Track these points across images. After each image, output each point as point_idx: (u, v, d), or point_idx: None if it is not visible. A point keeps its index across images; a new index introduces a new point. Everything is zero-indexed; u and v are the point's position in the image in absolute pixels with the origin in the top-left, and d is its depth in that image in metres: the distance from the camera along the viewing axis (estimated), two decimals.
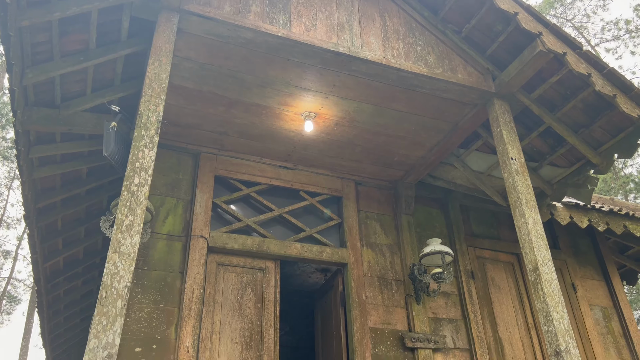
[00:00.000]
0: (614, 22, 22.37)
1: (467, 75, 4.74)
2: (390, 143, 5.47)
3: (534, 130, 5.20)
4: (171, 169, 5.11)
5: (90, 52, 4.03)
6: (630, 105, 4.34)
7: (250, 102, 4.77)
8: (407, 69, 4.49)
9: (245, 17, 4.03)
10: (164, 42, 3.66)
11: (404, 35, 4.73)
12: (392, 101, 4.86)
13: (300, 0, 4.41)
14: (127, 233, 2.88)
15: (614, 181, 19.89)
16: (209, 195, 5.07)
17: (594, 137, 5.01)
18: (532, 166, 5.58)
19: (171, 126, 4.97)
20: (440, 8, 4.87)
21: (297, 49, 4.20)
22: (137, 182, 3.06)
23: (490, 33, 4.73)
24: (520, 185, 4.21)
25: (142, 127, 3.26)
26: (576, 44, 4.36)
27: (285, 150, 5.51)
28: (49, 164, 4.87)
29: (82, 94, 4.45)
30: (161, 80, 3.49)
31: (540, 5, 23.99)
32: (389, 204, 6.03)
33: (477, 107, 4.92)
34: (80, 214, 5.86)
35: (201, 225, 4.84)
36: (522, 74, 4.54)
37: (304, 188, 5.66)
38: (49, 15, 3.45)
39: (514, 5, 4.36)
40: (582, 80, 4.54)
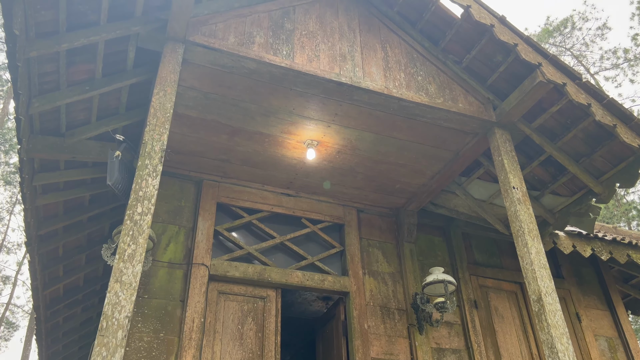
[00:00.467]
0: (612, 51, 22.66)
1: (468, 105, 4.79)
2: (391, 171, 5.49)
3: (535, 159, 5.22)
4: (173, 196, 5.12)
5: (96, 81, 4.09)
6: (631, 135, 4.37)
7: (253, 130, 4.82)
8: (409, 98, 4.54)
9: (249, 48, 4.10)
10: (169, 72, 3.72)
11: (405, 66, 4.80)
12: (393, 130, 4.90)
13: (303, 32, 4.49)
14: (129, 262, 2.88)
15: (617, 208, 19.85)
16: (210, 223, 5.07)
17: (595, 166, 5.03)
18: (534, 195, 5.59)
19: (174, 154, 5.01)
20: (440, 39, 4.95)
21: (300, 79, 4.26)
22: (140, 211, 3.06)
23: (490, 63, 4.80)
24: (522, 214, 4.21)
25: (146, 156, 3.28)
26: (576, 75, 4.42)
27: (287, 178, 5.53)
28: (52, 191, 4.89)
29: (87, 122, 4.50)
30: (166, 109, 3.53)
31: (539, 34, 24.34)
32: (391, 231, 6.01)
33: (478, 136, 4.96)
34: (81, 241, 5.86)
35: (202, 253, 4.83)
36: (522, 104, 4.58)
37: (306, 215, 5.66)
38: (56, 46, 3.51)
39: (514, 36, 4.43)
40: (582, 110, 4.58)
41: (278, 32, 4.35)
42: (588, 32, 23.60)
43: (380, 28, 4.95)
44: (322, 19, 4.70)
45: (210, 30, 4.03)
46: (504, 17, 4.46)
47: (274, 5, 4.47)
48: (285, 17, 4.49)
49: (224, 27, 4.11)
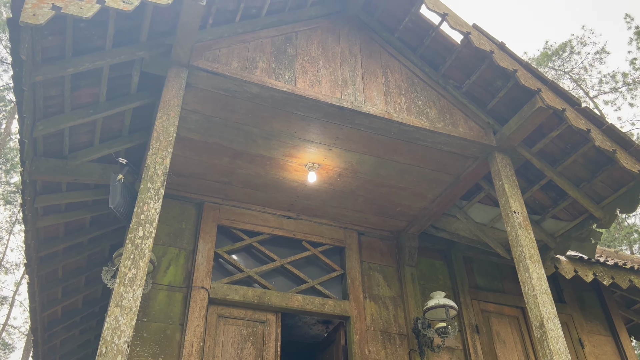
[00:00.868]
0: (611, 75, 22.86)
1: (468, 129, 4.83)
2: (392, 194, 5.51)
3: (535, 184, 5.24)
4: (174, 218, 5.13)
5: (100, 105, 4.13)
6: (631, 160, 4.39)
7: (255, 153, 4.85)
8: (409, 123, 4.58)
9: (252, 72, 4.15)
10: (173, 97, 3.76)
11: (405, 90, 4.85)
12: (394, 153, 4.93)
13: (305, 57, 4.56)
14: (130, 287, 2.87)
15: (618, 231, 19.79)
16: (211, 245, 5.06)
17: (595, 191, 5.04)
18: (535, 219, 5.59)
19: (176, 176, 5.03)
20: (440, 64, 5.01)
21: (302, 103, 4.31)
22: (141, 235, 3.07)
23: (490, 88, 4.85)
24: (523, 239, 4.21)
25: (149, 179, 3.30)
26: (575, 100, 4.46)
27: (288, 200, 5.54)
28: (53, 213, 4.90)
29: (90, 144, 4.53)
30: (169, 133, 3.56)
31: (539, 58, 24.60)
32: (392, 255, 6.00)
33: (479, 160, 4.98)
34: (81, 263, 5.84)
35: (202, 276, 4.81)
36: (522, 129, 4.62)
37: (307, 238, 5.65)
38: (62, 70, 3.56)
39: (513, 62, 4.49)
40: (582, 136, 4.61)
41: (280, 57, 4.41)
42: (587, 56, 23.85)
43: (381, 53, 5.02)
44: (324, 44, 4.76)
45: (213, 55, 4.09)
46: (503, 43, 4.52)
47: (276, 32, 4.54)
48: (288, 43, 4.56)
49: (228, 52, 4.17)
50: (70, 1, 3.00)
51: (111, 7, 3.10)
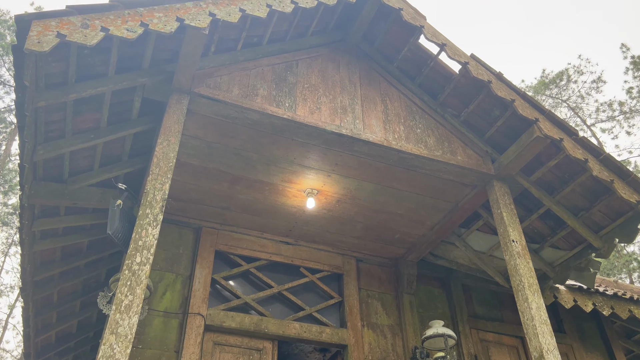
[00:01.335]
0: (608, 104, 23.08)
1: (466, 158, 4.85)
2: (391, 220, 5.50)
3: (534, 212, 5.24)
4: (172, 243, 5.11)
5: (101, 130, 4.16)
6: (628, 190, 4.41)
7: (254, 178, 4.86)
8: (408, 150, 4.60)
9: (252, 100, 4.19)
10: (174, 123, 3.79)
11: (404, 118, 4.89)
12: (393, 180, 4.94)
13: (305, 85, 4.61)
14: (126, 314, 2.84)
15: (617, 259, 19.70)
16: (208, 271, 5.03)
17: (594, 220, 5.04)
18: (534, 248, 5.57)
19: (175, 201, 5.03)
20: (439, 93, 5.07)
21: (302, 130, 4.34)
22: (138, 261, 3.05)
23: (488, 117, 4.90)
24: (522, 268, 4.19)
25: (147, 205, 3.30)
26: (572, 130, 4.50)
27: (286, 226, 5.53)
28: (50, 237, 4.88)
29: (90, 169, 4.54)
30: (169, 159, 3.58)
31: (536, 86, 24.86)
32: (390, 282, 5.96)
33: (477, 188, 4.99)
34: (77, 287, 5.79)
35: (199, 302, 4.77)
36: (520, 158, 4.64)
37: (305, 264, 5.62)
38: (64, 96, 3.59)
39: (511, 92, 4.55)
40: (580, 165, 4.63)
41: (281, 84, 4.46)
42: (583, 85, 24.12)
43: (380, 82, 5.08)
44: (324, 72, 4.82)
45: (215, 82, 4.14)
46: (500, 73, 4.59)
47: (277, 60, 4.61)
48: (289, 71, 4.62)
49: (229, 80, 4.22)
50: (75, 29, 3.05)
51: (115, 35, 3.15)
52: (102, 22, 3.15)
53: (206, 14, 3.53)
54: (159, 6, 3.41)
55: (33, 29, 2.92)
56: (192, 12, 3.49)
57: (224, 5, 3.66)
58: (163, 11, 3.40)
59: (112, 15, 3.22)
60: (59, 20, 3.03)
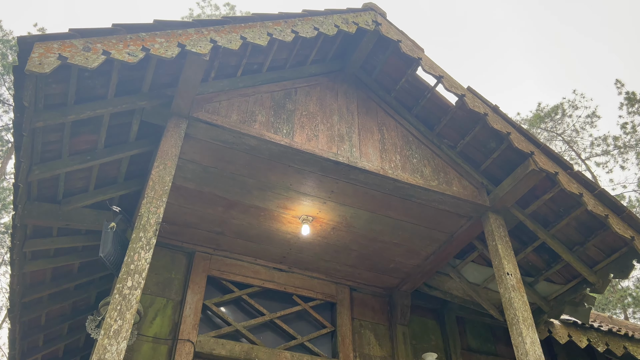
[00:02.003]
0: (602, 138, 23.33)
1: (462, 189, 4.87)
2: (386, 250, 5.47)
3: (529, 245, 5.23)
4: (164, 267, 5.05)
5: (98, 151, 4.16)
6: (623, 226, 4.41)
7: (249, 204, 4.85)
8: (404, 180, 4.62)
9: (250, 125, 4.21)
10: (171, 147, 3.79)
11: (401, 148, 4.92)
12: (388, 209, 4.94)
13: (303, 112, 4.65)
14: (114, 339, 2.79)
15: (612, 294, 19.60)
16: (199, 297, 4.96)
17: (588, 255, 5.03)
18: (528, 281, 5.54)
19: (168, 225, 5.00)
20: (435, 124, 5.11)
21: (299, 156, 4.35)
22: (129, 285, 3.01)
23: (484, 149, 4.93)
24: (516, 301, 4.16)
25: (141, 228, 3.27)
26: (567, 164, 4.53)
27: (280, 253, 5.49)
28: (41, 258, 4.82)
29: (85, 190, 4.52)
30: (164, 182, 3.57)
31: (531, 119, 25.14)
32: (383, 312, 5.89)
33: (473, 220, 4.99)
34: (66, 310, 5.69)
35: (189, 329, 4.69)
36: (515, 190, 4.66)
37: (298, 292, 5.56)
38: (63, 117, 3.60)
39: (506, 125, 4.59)
40: (575, 200, 4.65)
41: (279, 111, 4.49)
42: (578, 119, 24.41)
43: (378, 111, 5.13)
44: (322, 100, 4.87)
45: (214, 107, 4.16)
46: (496, 106, 4.64)
47: (276, 87, 4.65)
48: (287, 98, 4.66)
49: (228, 105, 4.25)
50: (77, 52, 3.07)
51: (116, 58, 3.18)
52: (104, 46, 3.18)
53: (207, 40, 3.58)
54: (161, 31, 3.45)
55: (35, 50, 2.94)
56: (193, 38, 3.53)
57: (225, 32, 3.71)
58: (165, 36, 3.44)
59: (114, 39, 3.26)
60: (61, 43, 3.06)
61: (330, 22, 4.37)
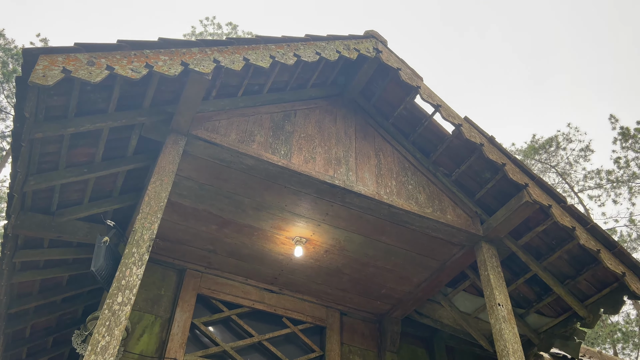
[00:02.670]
0: (595, 172, 23.54)
1: (456, 217, 4.89)
2: (378, 275, 5.46)
3: (520, 276, 5.24)
4: (154, 283, 5.01)
5: (95, 165, 4.16)
6: (615, 261, 4.44)
7: (243, 223, 4.84)
8: (399, 205, 4.64)
9: (249, 145, 4.24)
10: (169, 163, 3.80)
11: (396, 174, 4.95)
12: (382, 234, 4.94)
13: (302, 134, 4.68)
14: (101, 355, 2.75)
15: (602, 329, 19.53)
16: (188, 315, 4.91)
17: (580, 289, 5.04)
18: (519, 312, 5.53)
19: (161, 241, 4.97)
20: (432, 151, 5.16)
21: (295, 178, 4.37)
22: (120, 301, 2.99)
23: (479, 179, 4.97)
24: (507, 333, 4.14)
25: (134, 244, 3.26)
26: (561, 198, 4.57)
27: (272, 274, 5.46)
28: (30, 269, 4.77)
29: (79, 202, 4.50)
30: (160, 198, 3.57)
31: (526, 150, 25.37)
32: (373, 338, 5.84)
33: (465, 248, 5.00)
34: (51, 323, 5.61)
35: (176, 347, 4.63)
36: (509, 221, 4.68)
37: (287, 314, 5.51)
38: (62, 129, 3.61)
39: (502, 156, 4.64)
40: (567, 233, 4.68)
41: (278, 132, 4.53)
42: (572, 152, 24.66)
43: (375, 137, 5.17)
44: (320, 124, 4.91)
45: (213, 125, 4.19)
46: (493, 137, 4.70)
47: (276, 108, 4.70)
48: (286, 120, 4.70)
49: (227, 124, 4.28)
50: (81, 66, 3.10)
51: (119, 74, 3.21)
52: (108, 61, 3.21)
53: (210, 60, 3.62)
54: (165, 49, 3.49)
55: (40, 62, 2.97)
56: (197, 58, 3.57)
57: (228, 53, 3.76)
58: (169, 54, 3.48)
59: (118, 54, 3.29)
60: (65, 56, 3.08)
61: (332, 48, 4.44)
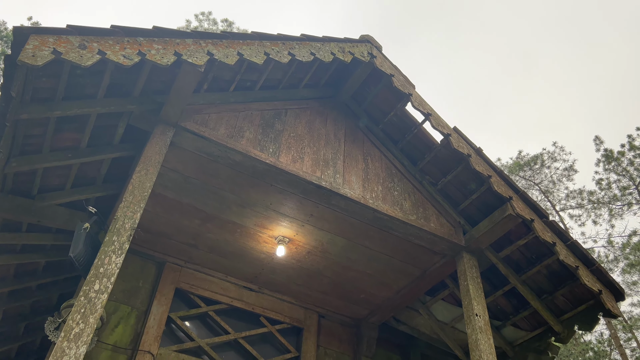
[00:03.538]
0: (577, 192, 23.85)
1: (439, 226, 4.91)
2: (358, 279, 5.46)
3: (499, 289, 5.28)
4: (133, 275, 4.95)
5: (80, 150, 4.10)
6: (592, 278, 4.49)
7: (227, 219, 4.81)
8: (384, 211, 4.65)
9: (237, 141, 4.21)
10: (155, 153, 3.76)
11: (383, 179, 4.96)
12: (365, 238, 4.95)
13: (291, 134, 4.67)
14: (74, 342, 2.70)
15: (574, 347, 19.75)
16: (165, 308, 4.86)
17: (556, 304, 5.09)
18: (496, 324, 5.57)
19: (143, 232, 4.92)
20: (419, 160, 5.18)
21: (282, 177, 4.35)
22: (96, 289, 2.94)
23: (464, 190, 5.01)
24: (483, 343, 4.17)
25: (115, 232, 3.22)
26: (543, 213, 4.62)
27: (252, 272, 5.43)
28: (7, 253, 4.68)
29: (61, 188, 4.43)
30: (144, 188, 3.53)
31: (511, 166, 25.63)
32: (350, 343, 5.84)
33: (447, 258, 5.03)
34: (25, 309, 5.51)
35: (151, 340, 4.58)
36: (491, 233, 4.72)
37: (265, 314, 5.49)
38: (49, 112, 3.55)
39: (488, 168, 4.68)
40: (548, 248, 4.73)
41: (267, 130, 4.51)
42: (556, 171, 24.97)
43: (364, 141, 5.18)
44: (311, 124, 4.91)
45: (202, 119, 4.16)
46: (480, 149, 4.73)
47: (268, 106, 4.68)
48: (277, 118, 4.68)
49: (217, 118, 4.25)
50: (72, 48, 3.06)
51: (111, 59, 3.16)
52: (100, 46, 3.17)
53: (204, 52, 3.60)
54: (159, 38, 3.46)
55: (30, 42, 2.92)
56: (190, 49, 3.55)
57: (223, 46, 3.74)
58: (162, 43, 3.44)
59: (111, 40, 3.25)
60: (57, 38, 3.04)
61: (327, 49, 4.45)
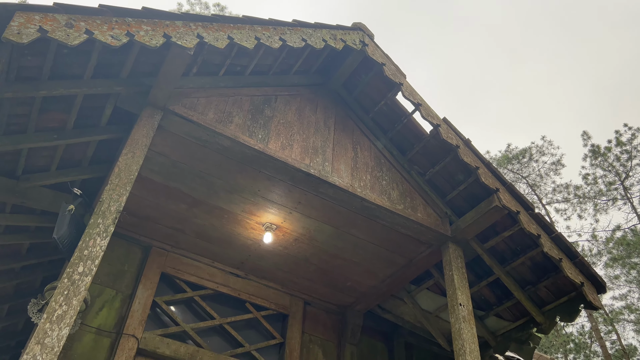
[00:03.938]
0: (564, 186, 24.12)
1: (426, 216, 4.94)
2: (345, 267, 5.48)
3: (483, 279, 5.33)
4: (118, 259, 4.92)
5: (66, 131, 4.04)
6: (575, 271, 4.55)
7: (214, 204, 4.79)
8: (371, 200, 4.65)
9: (226, 126, 4.18)
10: (142, 136, 3.72)
11: (372, 169, 4.97)
12: (352, 227, 4.96)
13: (281, 120, 4.65)
14: (57, 324, 2.69)
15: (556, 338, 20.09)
16: (150, 293, 4.85)
17: (539, 295, 5.16)
18: (479, 314, 5.64)
19: (129, 216, 4.88)
20: (408, 150, 5.19)
21: (271, 163, 4.34)
22: (80, 271, 2.92)
23: (451, 180, 5.03)
24: (465, 333, 4.21)
25: (100, 214, 3.19)
26: (529, 205, 4.66)
27: (239, 258, 5.43)
28: None
29: (46, 169, 4.38)
30: (131, 171, 3.49)
31: (500, 159, 25.82)
32: (334, 330, 5.88)
33: (432, 248, 5.06)
34: (8, 291, 5.46)
35: (135, 324, 4.57)
36: (477, 224, 4.75)
37: (251, 300, 5.50)
38: (34, 91, 3.49)
39: (476, 160, 4.70)
40: (532, 240, 4.78)
41: (257, 116, 4.48)
42: (544, 165, 25.21)
43: (354, 130, 5.17)
44: (301, 111, 4.88)
45: (191, 102, 4.12)
46: (469, 140, 4.75)
47: (257, 91, 4.65)
48: (267, 104, 4.65)
49: (206, 103, 4.22)
50: (58, 27, 3.00)
51: (98, 39, 3.11)
52: (88, 25, 3.11)
53: (194, 35, 3.55)
54: (148, 19, 3.41)
55: (15, 19, 2.85)
56: (180, 31, 3.50)
57: (213, 30, 3.69)
58: (151, 25, 3.39)
59: (99, 19, 3.19)
60: (43, 15, 2.98)
61: (319, 36, 4.41)
